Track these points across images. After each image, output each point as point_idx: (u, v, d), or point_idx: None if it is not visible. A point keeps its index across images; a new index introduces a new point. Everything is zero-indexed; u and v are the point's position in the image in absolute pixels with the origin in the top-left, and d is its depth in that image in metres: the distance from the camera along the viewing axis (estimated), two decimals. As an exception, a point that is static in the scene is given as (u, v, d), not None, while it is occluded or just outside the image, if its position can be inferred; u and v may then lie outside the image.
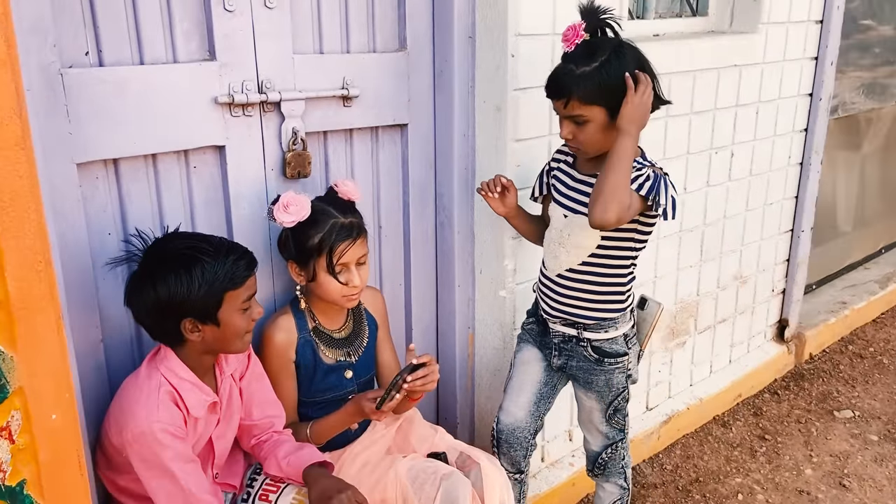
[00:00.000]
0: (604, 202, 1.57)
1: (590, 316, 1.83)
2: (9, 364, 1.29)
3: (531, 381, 1.95)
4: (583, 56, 1.64)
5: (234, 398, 1.67)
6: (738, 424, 2.99)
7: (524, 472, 1.99)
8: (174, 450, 1.45)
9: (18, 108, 1.22)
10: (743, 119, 2.75)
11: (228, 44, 1.72)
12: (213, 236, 1.58)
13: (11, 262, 1.25)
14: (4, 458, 1.32)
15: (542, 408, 1.96)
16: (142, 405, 1.46)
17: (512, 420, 1.94)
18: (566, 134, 1.71)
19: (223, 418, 1.63)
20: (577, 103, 1.64)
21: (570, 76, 1.64)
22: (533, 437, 1.96)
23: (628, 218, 1.64)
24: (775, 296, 3.29)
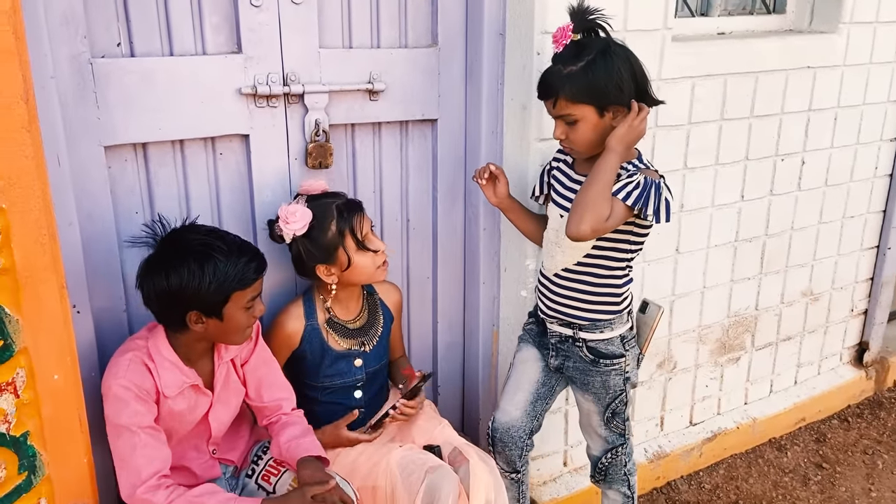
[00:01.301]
0: (580, 215, 1.59)
1: (585, 317, 1.81)
2: (14, 326, 1.42)
3: (528, 381, 1.93)
4: (570, 56, 1.63)
5: (233, 382, 1.74)
6: (796, 449, 2.81)
7: (520, 471, 1.97)
8: (133, 409, 1.53)
9: (25, 95, 1.34)
10: (817, 125, 2.57)
11: (255, 37, 1.80)
12: (229, 234, 1.64)
13: (18, 234, 1.39)
14: (10, 411, 1.46)
15: (538, 408, 1.93)
16: (114, 366, 1.57)
17: (507, 419, 1.93)
18: (559, 134, 1.70)
19: (217, 401, 1.70)
20: (564, 102, 1.63)
21: (558, 76, 1.63)
22: (529, 436, 1.94)
23: (608, 228, 1.63)
24: (854, 316, 3.06)
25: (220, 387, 1.70)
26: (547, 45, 1.90)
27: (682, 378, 2.58)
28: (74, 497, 1.57)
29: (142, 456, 1.52)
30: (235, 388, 1.75)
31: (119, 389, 1.53)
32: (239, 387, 1.76)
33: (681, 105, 2.21)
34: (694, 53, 2.19)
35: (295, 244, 1.84)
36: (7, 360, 1.43)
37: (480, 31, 2.00)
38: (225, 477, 1.78)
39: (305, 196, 1.85)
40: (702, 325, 2.55)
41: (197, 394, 1.66)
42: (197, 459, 1.73)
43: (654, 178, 1.66)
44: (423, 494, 1.70)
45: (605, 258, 1.75)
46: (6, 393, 1.45)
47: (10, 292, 1.41)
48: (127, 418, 1.53)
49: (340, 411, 1.96)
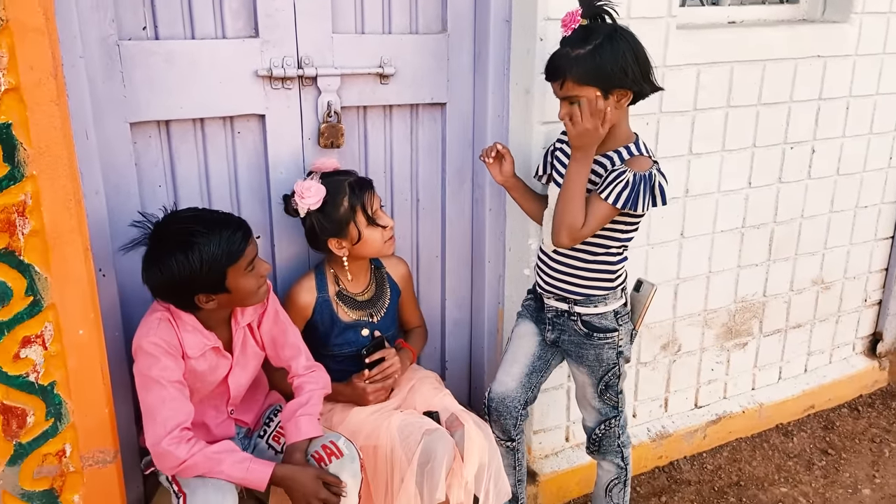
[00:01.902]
0: (557, 228, 1.74)
1: (580, 291, 1.88)
2: (43, 283, 1.56)
3: (525, 354, 2.01)
4: (578, 40, 1.70)
5: (250, 346, 1.85)
6: (803, 435, 2.84)
7: (515, 440, 2.05)
8: (163, 364, 1.64)
9: (54, 71, 1.47)
10: (828, 114, 2.60)
11: (271, 22, 1.91)
12: (207, 213, 1.71)
13: (47, 199, 1.52)
14: (38, 361, 1.60)
15: (533, 380, 2.01)
16: (144, 325, 1.69)
17: (503, 389, 2.01)
18: (563, 115, 1.76)
19: (236, 364, 1.82)
20: (571, 84, 1.70)
21: (566, 59, 1.70)
22: (523, 407, 2.02)
23: (592, 230, 1.75)
24: (868, 307, 3.07)
25: (238, 351, 1.82)
26: (549, 32, 1.98)
27: (687, 361, 2.63)
28: (96, 444, 1.71)
29: (169, 409, 1.64)
30: (253, 352, 1.86)
31: (150, 346, 1.65)
32: (257, 351, 1.86)
33: (686, 91, 2.27)
34: (699, 41, 2.24)
35: (309, 218, 1.95)
36: (36, 315, 1.58)
37: (487, 18, 2.09)
38: (238, 437, 1.89)
39: (319, 173, 1.96)
40: (707, 310, 2.60)
41: (217, 356, 1.77)
42: (215, 418, 1.85)
43: (646, 167, 1.72)
44: (420, 454, 1.81)
45: (601, 237, 1.82)
46: (35, 345, 1.59)
47: (39, 252, 1.55)
48: (157, 372, 1.64)
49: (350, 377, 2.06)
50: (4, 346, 1.56)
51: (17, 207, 1.50)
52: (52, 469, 1.68)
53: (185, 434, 1.65)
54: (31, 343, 1.58)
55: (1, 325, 1.54)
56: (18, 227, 1.51)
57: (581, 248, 1.84)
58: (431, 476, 1.78)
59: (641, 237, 2.33)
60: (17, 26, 1.41)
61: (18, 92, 1.45)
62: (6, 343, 1.56)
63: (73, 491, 1.72)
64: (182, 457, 1.62)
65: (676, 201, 2.38)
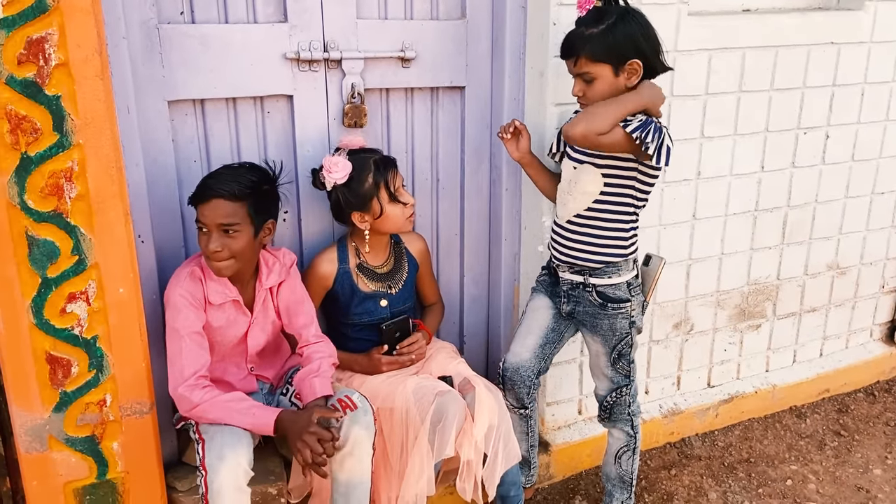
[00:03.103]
0: (578, 119, 1.77)
1: (595, 259, 1.97)
2: (88, 244, 1.71)
3: (539, 326, 2.11)
4: (592, 20, 1.81)
5: (269, 308, 1.99)
6: (816, 417, 2.89)
7: (528, 407, 2.15)
8: (185, 315, 1.79)
9: (99, 48, 1.62)
10: (842, 100, 2.64)
11: (299, 8, 2.04)
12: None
13: (91, 166, 1.67)
14: (82, 316, 1.75)
15: (546, 351, 2.11)
16: (175, 276, 1.84)
17: (517, 360, 2.11)
18: (577, 91, 1.87)
19: (255, 323, 1.95)
20: (585, 61, 1.81)
21: (581, 37, 1.81)
22: (536, 377, 2.11)
23: (601, 144, 1.78)
24: (886, 293, 3.09)
25: (258, 310, 1.95)
26: (562, 16, 2.07)
27: (700, 340, 2.70)
28: (134, 395, 1.85)
29: (186, 358, 1.79)
30: (272, 315, 1.99)
31: (177, 298, 1.80)
32: (274, 313, 2.00)
33: (697, 76, 2.34)
34: (710, 26, 2.31)
35: (335, 192, 2.07)
36: (81, 273, 1.72)
37: (504, 5, 2.19)
38: (262, 392, 2.03)
39: (346, 150, 2.08)
40: (720, 290, 2.67)
41: (237, 311, 1.91)
42: (237, 375, 1.99)
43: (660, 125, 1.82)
44: (433, 414, 1.92)
45: (613, 203, 1.92)
46: (80, 301, 1.74)
47: (84, 216, 1.69)
48: (180, 323, 1.79)
49: (369, 346, 2.19)
50: (52, 301, 1.71)
51: (65, 173, 1.65)
52: (93, 417, 1.83)
53: (200, 381, 1.80)
54: (76, 299, 1.73)
55: (49, 281, 1.69)
56: (66, 191, 1.66)
57: (595, 216, 1.94)
58: (442, 434, 1.89)
59: (653, 217, 2.42)
60: (67, 7, 1.56)
61: (67, 67, 1.59)
62: (54, 298, 1.71)
63: (113, 438, 1.86)
64: (195, 401, 1.77)
65: (688, 183, 2.46)
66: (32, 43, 1.56)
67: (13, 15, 1.52)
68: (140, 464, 1.91)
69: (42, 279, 1.69)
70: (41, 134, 1.61)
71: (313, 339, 2.02)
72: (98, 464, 1.87)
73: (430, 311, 2.38)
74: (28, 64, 1.56)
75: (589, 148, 1.82)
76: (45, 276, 1.69)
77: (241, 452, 1.74)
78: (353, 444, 1.83)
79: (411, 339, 2.17)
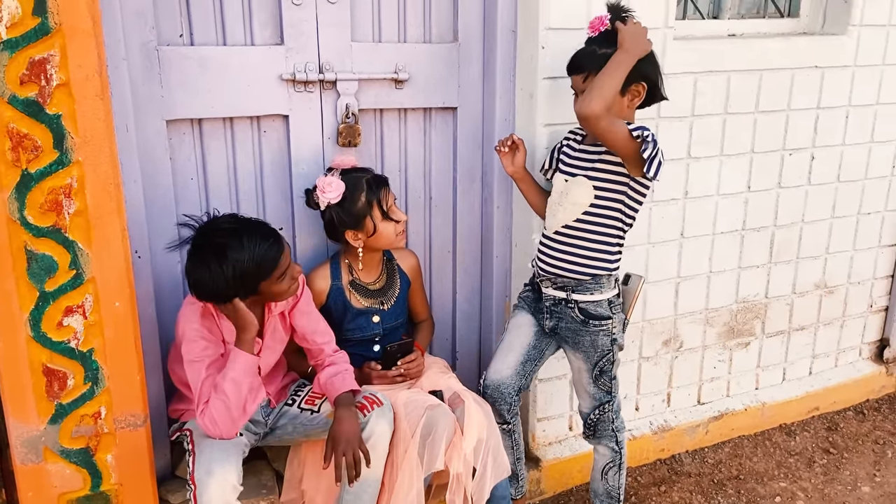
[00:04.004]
0: (590, 95, 1.78)
1: (580, 271, 2.00)
2: (85, 258, 1.75)
3: (520, 343, 2.14)
4: (604, 41, 1.90)
5: (278, 332, 2.02)
6: (805, 435, 2.91)
7: (510, 422, 2.17)
8: (201, 345, 1.82)
9: (99, 69, 1.67)
10: (827, 122, 2.70)
11: (295, 31, 2.10)
12: (244, 226, 1.81)
13: (90, 183, 1.71)
14: (79, 329, 1.79)
15: (527, 368, 2.14)
16: (186, 310, 1.87)
17: (498, 377, 2.14)
18: None
19: (266, 347, 1.98)
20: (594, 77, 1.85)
21: (593, 55, 1.89)
22: (517, 394, 2.14)
23: (611, 126, 1.79)
24: (874, 312, 3.13)
25: (268, 336, 1.99)
26: (550, 40, 2.14)
27: (689, 357, 2.73)
28: (128, 408, 1.89)
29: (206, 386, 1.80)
30: (280, 336, 2.03)
31: (192, 332, 1.83)
32: (283, 335, 2.03)
33: (683, 98, 2.40)
34: (695, 50, 2.38)
35: (328, 211, 2.11)
36: (78, 287, 1.77)
37: (495, 29, 2.25)
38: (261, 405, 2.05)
39: (339, 169, 2.13)
40: (709, 308, 2.71)
41: None
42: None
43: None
44: (422, 427, 1.94)
45: (601, 217, 1.97)
46: (77, 314, 1.78)
47: (82, 231, 1.74)
48: (197, 353, 1.82)
49: (362, 362, 2.22)
50: (49, 315, 1.75)
51: (64, 189, 1.69)
52: (88, 429, 1.86)
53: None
54: (73, 312, 1.77)
55: (47, 294, 1.73)
56: (65, 207, 1.70)
57: (583, 227, 1.98)
58: (432, 447, 1.92)
59: (642, 236, 2.46)
60: (69, 29, 1.61)
61: (68, 87, 1.64)
62: (51, 311, 1.75)
63: (107, 451, 1.89)
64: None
65: (676, 202, 2.50)
66: (35, 64, 1.61)
67: (17, 37, 1.58)
68: (133, 476, 1.94)
69: (40, 293, 1.73)
70: (42, 151, 1.66)
71: (332, 353, 2.06)
72: (92, 476, 1.90)
73: (420, 327, 2.42)
74: (30, 84, 1.62)
75: (597, 132, 1.81)
76: (43, 289, 1.73)
77: (230, 468, 1.77)
78: (377, 438, 1.89)
79: (410, 357, 2.20)
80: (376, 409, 1.91)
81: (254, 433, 2.00)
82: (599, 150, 1.97)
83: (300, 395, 2.10)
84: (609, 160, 1.94)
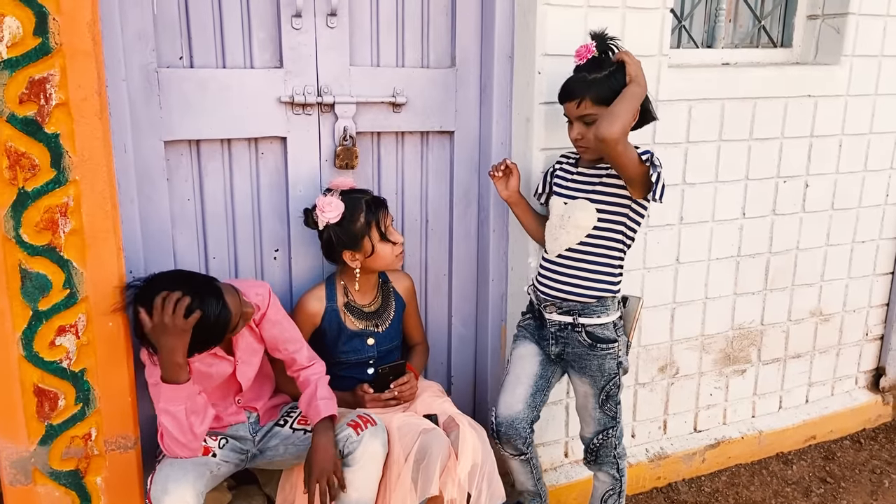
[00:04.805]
0: (611, 119, 1.79)
1: (586, 294, 2.00)
2: (79, 277, 1.74)
3: (527, 375, 2.12)
4: (593, 67, 1.93)
5: (251, 345, 1.99)
6: (802, 464, 2.89)
7: (527, 453, 2.15)
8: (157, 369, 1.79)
9: (99, 89, 1.68)
10: (820, 150, 2.72)
11: (294, 55, 2.12)
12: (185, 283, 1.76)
13: (86, 202, 1.71)
14: (71, 349, 1.78)
15: (537, 399, 2.12)
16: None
17: (510, 413, 2.10)
18: (576, 135, 1.96)
19: (241, 362, 1.96)
20: (589, 103, 1.90)
21: (584, 81, 1.92)
22: (530, 426, 2.12)
23: (628, 151, 1.82)
24: (870, 341, 3.13)
25: (240, 352, 1.96)
26: (547, 66, 2.16)
27: (686, 384, 2.72)
28: (119, 430, 1.87)
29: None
30: (254, 348, 2.00)
31: (149, 355, 1.81)
32: (256, 346, 2.00)
33: (678, 124, 2.42)
34: (689, 79, 2.40)
35: (327, 230, 2.11)
36: (72, 306, 1.76)
37: (492, 55, 2.27)
38: (249, 422, 2.02)
39: (339, 190, 2.13)
40: (704, 335, 2.70)
41: (218, 360, 1.91)
42: (225, 409, 1.99)
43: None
44: (416, 452, 1.93)
45: (604, 238, 1.97)
46: (69, 334, 1.77)
47: (77, 249, 1.73)
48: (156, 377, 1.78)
49: (355, 384, 2.20)
50: (42, 334, 1.74)
51: (61, 208, 1.69)
52: (78, 451, 1.84)
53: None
54: (65, 332, 1.76)
55: (40, 313, 1.72)
56: (61, 225, 1.70)
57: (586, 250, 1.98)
58: (426, 472, 1.90)
59: (637, 261, 2.46)
60: (69, 49, 1.63)
61: (67, 106, 1.65)
62: (44, 331, 1.74)
63: (97, 473, 1.87)
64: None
65: (672, 227, 2.51)
66: (34, 83, 1.62)
67: (17, 56, 1.59)
68: (123, 500, 1.92)
69: (33, 312, 1.72)
70: (39, 170, 1.66)
71: (307, 362, 2.04)
72: (81, 499, 1.87)
73: (415, 351, 2.41)
74: (29, 103, 1.62)
75: (612, 154, 1.82)
76: (37, 308, 1.72)
77: (187, 486, 1.75)
78: (369, 458, 1.87)
79: (403, 379, 2.19)
80: (370, 427, 1.89)
81: (240, 451, 1.97)
82: (600, 173, 1.98)
83: (292, 416, 2.08)
84: (610, 182, 1.96)
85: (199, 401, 1.79)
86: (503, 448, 2.15)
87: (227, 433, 1.98)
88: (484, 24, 2.30)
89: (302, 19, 2.10)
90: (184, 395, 1.75)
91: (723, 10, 2.66)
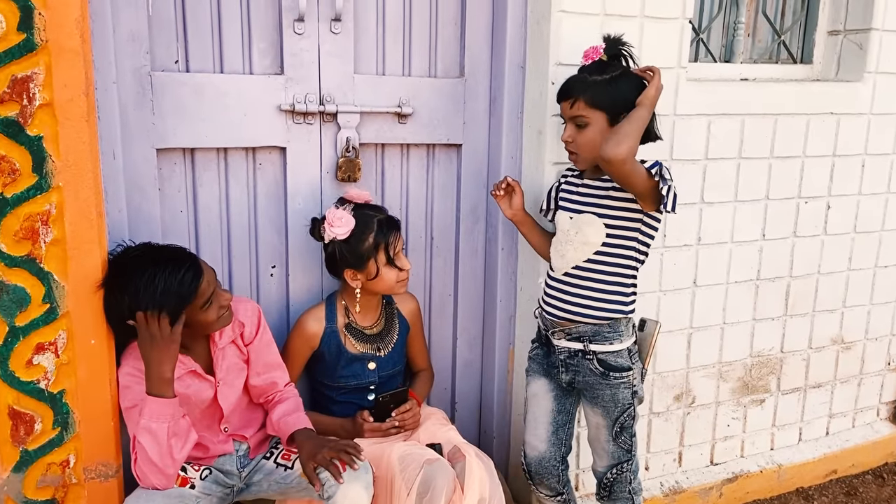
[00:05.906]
0: (618, 139, 1.67)
1: (594, 315, 1.86)
2: (61, 291, 1.62)
3: (545, 413, 2.01)
4: (596, 69, 1.82)
5: (234, 365, 1.86)
6: (824, 500, 2.74)
7: (563, 492, 2.04)
8: (134, 391, 1.69)
9: (86, 89, 1.57)
10: (843, 170, 2.61)
11: (296, 61, 2.02)
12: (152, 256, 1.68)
13: (70, 210, 1.60)
14: (50, 369, 1.65)
15: (562, 434, 2.00)
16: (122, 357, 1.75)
17: (536, 454, 2.01)
18: (567, 136, 1.85)
19: (223, 384, 1.83)
20: (582, 104, 1.79)
21: (583, 82, 1.81)
22: (562, 462, 2.01)
23: (635, 169, 1.70)
24: (892, 370, 3.00)
25: (222, 372, 1.83)
26: (560, 76, 2.04)
27: (702, 414, 2.59)
28: (100, 457, 1.73)
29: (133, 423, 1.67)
30: (238, 368, 1.87)
31: (124, 377, 1.71)
32: (241, 367, 1.88)
33: (697, 140, 2.31)
34: (709, 92, 2.30)
35: (332, 245, 1.99)
36: (51, 322, 1.63)
37: (503, 64, 2.17)
38: (238, 454, 1.89)
39: (352, 204, 2.02)
40: (722, 362, 2.57)
41: (199, 380, 1.79)
42: (212, 439, 1.86)
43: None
44: (419, 485, 1.79)
45: (614, 256, 1.85)
46: (48, 352, 1.64)
47: (59, 261, 1.61)
48: (130, 400, 1.69)
49: (355, 411, 2.07)
50: (19, 352, 1.61)
51: (42, 216, 1.58)
52: (55, 479, 1.70)
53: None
54: (44, 350, 1.63)
55: (17, 330, 1.60)
56: (41, 235, 1.58)
57: (595, 268, 1.86)
58: (430, 506, 1.76)
59: (653, 283, 2.34)
60: (55, 46, 1.52)
61: (52, 107, 1.54)
62: (20, 348, 1.61)
63: (75, 503, 1.73)
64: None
65: (689, 248, 2.39)
66: (17, 81, 1.51)
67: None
68: (102, 532, 1.78)
69: (9, 328, 1.60)
70: (19, 175, 1.55)
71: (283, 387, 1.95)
72: (57, 531, 1.73)
73: (419, 378, 2.27)
74: (11, 103, 1.51)
75: (620, 174, 1.71)
76: (13, 324, 1.60)
77: None
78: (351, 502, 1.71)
79: (405, 407, 2.06)
80: (349, 471, 1.70)
81: (224, 486, 1.84)
82: (606, 186, 1.86)
83: (279, 448, 1.94)
84: (618, 196, 1.84)
85: (183, 424, 1.67)
86: (538, 489, 2.06)
87: (213, 465, 1.84)
88: (495, 32, 2.21)
89: (304, 24, 2.00)
90: (169, 411, 1.63)
91: (742, 23, 2.57)
